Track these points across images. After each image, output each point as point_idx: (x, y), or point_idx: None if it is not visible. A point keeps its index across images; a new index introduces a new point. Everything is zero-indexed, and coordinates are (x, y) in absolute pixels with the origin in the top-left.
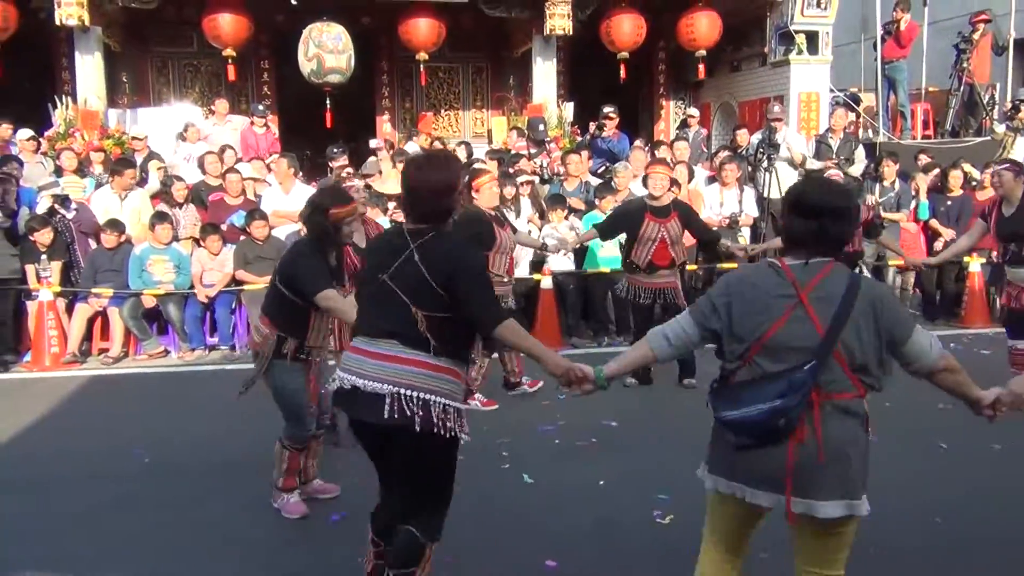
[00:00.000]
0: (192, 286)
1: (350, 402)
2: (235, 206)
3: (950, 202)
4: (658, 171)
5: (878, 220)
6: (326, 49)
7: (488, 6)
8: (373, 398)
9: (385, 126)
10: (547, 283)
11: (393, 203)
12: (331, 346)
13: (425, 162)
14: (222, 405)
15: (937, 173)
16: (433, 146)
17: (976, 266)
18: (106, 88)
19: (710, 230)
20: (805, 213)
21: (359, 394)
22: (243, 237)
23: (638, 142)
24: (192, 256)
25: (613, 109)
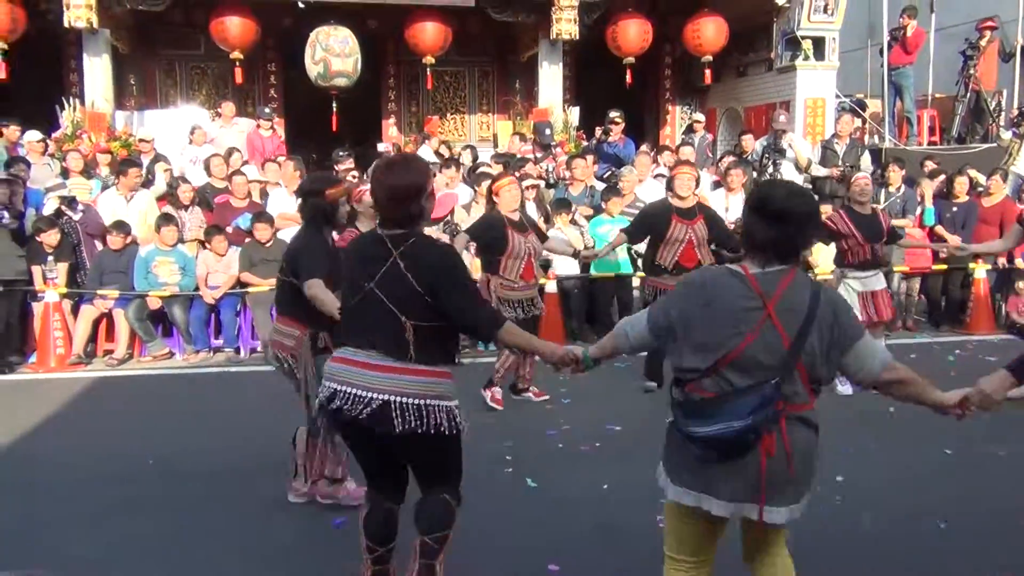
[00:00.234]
0: (197, 288)
1: (344, 410)
2: (241, 208)
3: (956, 208)
4: (684, 171)
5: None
6: (333, 52)
7: (495, 10)
8: (369, 407)
9: (391, 130)
10: (551, 287)
11: None
12: None
13: (391, 165)
14: (226, 407)
15: (943, 179)
16: (439, 150)
17: (981, 272)
18: (113, 90)
19: (733, 237)
20: (768, 218)
21: (355, 403)
22: (248, 239)
23: (644, 147)
24: (197, 258)
25: (619, 114)
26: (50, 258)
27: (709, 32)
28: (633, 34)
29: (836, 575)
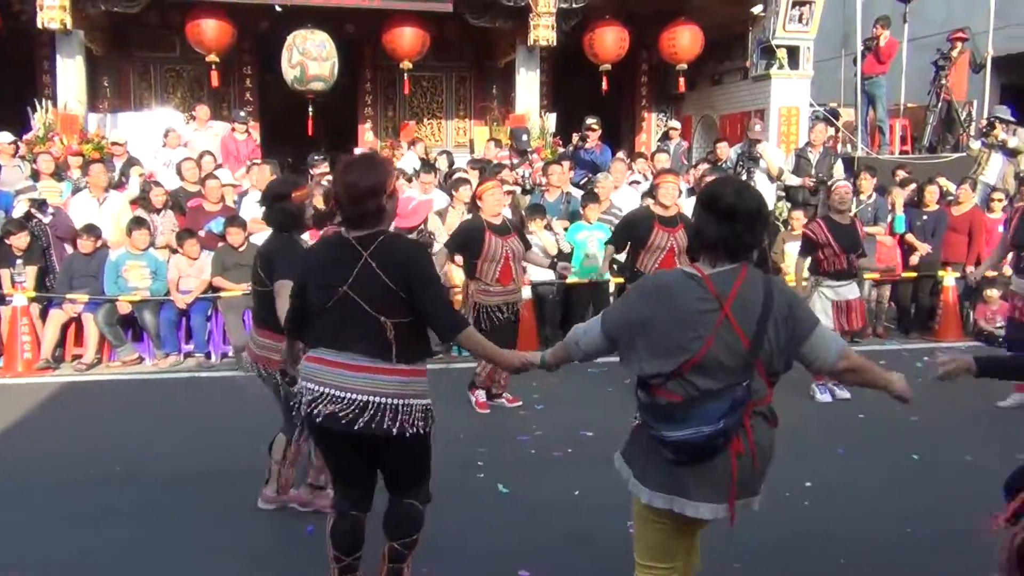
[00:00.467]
0: (168, 292)
1: (319, 411)
2: (214, 212)
3: (926, 216)
4: (668, 180)
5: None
6: (310, 56)
7: (473, 16)
8: (346, 407)
9: (367, 134)
10: (527, 292)
11: None
12: None
13: (352, 164)
14: (196, 412)
15: (914, 188)
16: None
17: (950, 280)
18: (87, 92)
19: None
20: (719, 216)
21: (332, 403)
22: (221, 244)
23: (620, 154)
24: (169, 262)
25: (596, 121)
26: (19, 261)
27: (685, 40)
28: (610, 41)
29: None
